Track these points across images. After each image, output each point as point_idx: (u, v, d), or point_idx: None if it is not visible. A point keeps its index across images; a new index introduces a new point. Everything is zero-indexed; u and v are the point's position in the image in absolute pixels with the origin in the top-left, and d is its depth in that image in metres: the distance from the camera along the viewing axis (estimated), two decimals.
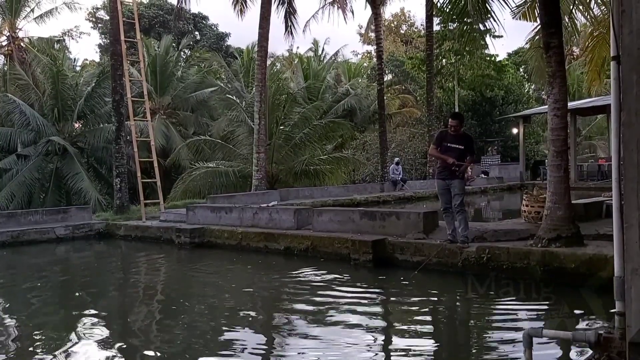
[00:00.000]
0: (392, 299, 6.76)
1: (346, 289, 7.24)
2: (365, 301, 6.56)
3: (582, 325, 5.29)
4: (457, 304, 6.39)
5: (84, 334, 5.74)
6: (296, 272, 8.40)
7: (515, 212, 11.81)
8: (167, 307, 7.00)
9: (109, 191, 21.47)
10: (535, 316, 5.79)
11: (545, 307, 6.10)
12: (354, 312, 6.08)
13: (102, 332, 5.81)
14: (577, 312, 5.81)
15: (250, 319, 6.10)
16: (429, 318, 5.93)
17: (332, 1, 25.54)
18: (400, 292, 6.95)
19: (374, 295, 6.83)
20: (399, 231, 8.87)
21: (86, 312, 6.79)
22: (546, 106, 8.09)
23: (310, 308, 6.35)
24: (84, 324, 6.18)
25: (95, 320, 6.38)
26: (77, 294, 7.97)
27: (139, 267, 10.54)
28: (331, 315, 5.98)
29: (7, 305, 7.29)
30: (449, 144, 7.89)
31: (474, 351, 4.97)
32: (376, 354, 4.91)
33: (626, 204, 3.23)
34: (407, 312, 6.14)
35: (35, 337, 5.64)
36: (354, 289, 7.20)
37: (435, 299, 6.58)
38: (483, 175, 26.47)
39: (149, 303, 7.32)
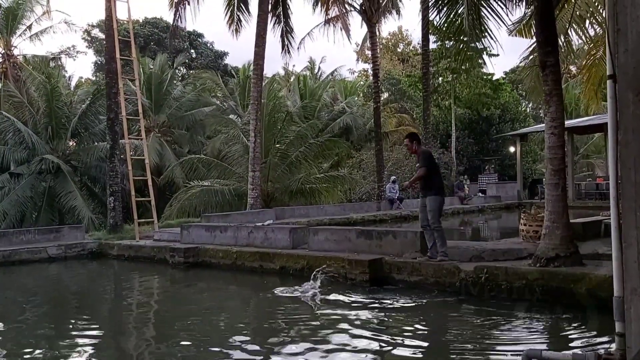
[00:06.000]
0: (388, 319, 6.64)
1: (342, 309, 7.11)
2: (362, 321, 6.43)
3: (581, 346, 5.18)
4: (455, 323, 6.28)
5: (75, 356, 5.60)
6: (291, 292, 8.27)
7: (513, 231, 11.74)
8: (160, 329, 6.86)
9: (102, 210, 21.34)
10: (534, 337, 5.67)
11: (544, 327, 6.01)
12: (350, 332, 5.96)
13: (94, 354, 5.67)
14: (576, 332, 5.71)
15: (244, 340, 5.97)
16: (426, 338, 5.82)
17: (329, 20, 25.69)
18: (397, 312, 6.84)
19: (370, 316, 6.71)
20: (395, 250, 8.78)
21: (77, 333, 6.68)
22: (543, 125, 8.07)
23: (305, 329, 6.23)
24: (75, 345, 6.05)
25: (87, 342, 6.23)
26: (68, 315, 7.82)
27: (132, 288, 10.38)
28: (327, 336, 5.85)
29: None
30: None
31: None
32: None
33: (624, 223, 3.19)
34: (404, 332, 6.03)
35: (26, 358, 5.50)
36: (350, 309, 7.07)
37: (433, 318, 6.47)
38: (480, 194, 26.44)
39: (141, 325, 7.19)
